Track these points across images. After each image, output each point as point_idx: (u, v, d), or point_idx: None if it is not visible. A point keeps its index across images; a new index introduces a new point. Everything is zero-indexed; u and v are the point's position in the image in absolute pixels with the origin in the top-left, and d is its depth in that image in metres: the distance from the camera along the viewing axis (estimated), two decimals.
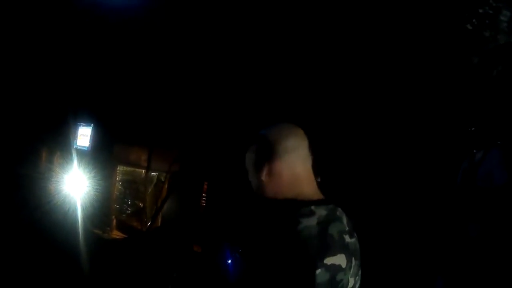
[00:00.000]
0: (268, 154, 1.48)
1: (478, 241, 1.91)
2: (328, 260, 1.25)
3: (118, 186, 8.44)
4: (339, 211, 1.45)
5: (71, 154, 9.64)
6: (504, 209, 1.84)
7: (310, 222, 1.31)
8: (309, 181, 1.50)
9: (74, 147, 9.36)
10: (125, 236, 7.78)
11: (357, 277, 1.45)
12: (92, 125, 8.90)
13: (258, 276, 1.30)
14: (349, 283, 1.34)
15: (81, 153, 9.04)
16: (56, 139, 10.91)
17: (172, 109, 6.43)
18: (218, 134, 5.47)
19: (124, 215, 8.25)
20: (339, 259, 1.29)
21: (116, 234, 7.88)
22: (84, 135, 9.14)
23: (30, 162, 12.65)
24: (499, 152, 2.01)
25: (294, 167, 1.48)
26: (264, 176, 1.47)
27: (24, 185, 9.53)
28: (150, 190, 6.93)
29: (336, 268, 1.27)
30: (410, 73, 3.46)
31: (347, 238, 1.38)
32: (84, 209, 7.84)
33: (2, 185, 9.17)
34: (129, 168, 8.21)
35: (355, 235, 1.47)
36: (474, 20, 2.82)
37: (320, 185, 1.54)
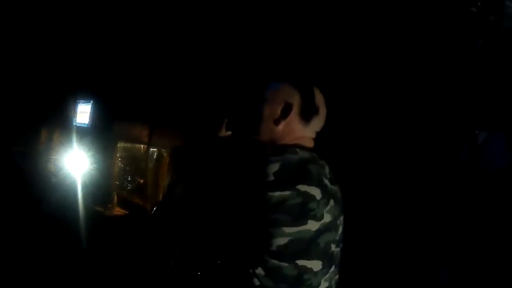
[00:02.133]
0: (297, 107, 1.59)
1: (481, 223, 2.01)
2: (302, 187, 1.33)
3: (119, 162, 8.54)
4: (323, 162, 1.57)
5: (70, 131, 9.76)
6: (505, 193, 1.95)
7: (292, 156, 1.43)
8: (309, 142, 1.63)
9: (74, 124, 9.46)
10: (126, 212, 7.93)
11: (338, 221, 1.52)
12: (92, 101, 8.98)
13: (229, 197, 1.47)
14: (324, 217, 1.38)
15: (80, 130, 9.15)
16: (55, 117, 11.01)
17: (172, 84, 6.49)
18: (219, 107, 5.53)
19: (125, 192, 8.37)
20: (313, 190, 1.36)
21: (118, 211, 8.00)
22: (83, 112, 9.22)
23: (29, 140, 12.82)
24: (502, 135, 2.10)
25: (309, 126, 1.63)
26: (280, 125, 1.59)
27: (24, 164, 9.67)
28: (151, 166, 7.04)
29: (309, 196, 1.34)
30: (413, 54, 3.52)
31: (325, 180, 1.46)
32: (84, 187, 7.98)
33: (2, 164, 9.32)
34: (129, 145, 8.31)
35: (337, 185, 1.58)
36: (479, 3, 2.88)
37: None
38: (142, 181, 7.71)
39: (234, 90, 5.15)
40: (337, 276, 1.56)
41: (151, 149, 7.21)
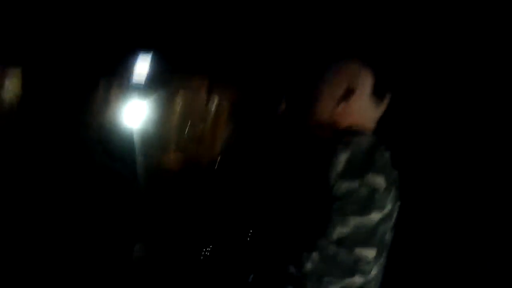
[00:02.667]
0: (361, 88, 1.57)
1: None
2: (370, 177, 1.36)
3: (178, 117, 8.77)
4: (384, 146, 1.55)
5: (128, 87, 10.07)
6: None
7: (359, 142, 1.43)
8: (371, 125, 1.64)
9: (133, 81, 9.73)
10: (184, 166, 8.21)
11: (395, 208, 1.55)
12: (150, 56, 9.16)
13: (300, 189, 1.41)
14: (386, 207, 1.42)
15: (139, 85, 9.42)
16: (113, 71, 11.34)
17: (234, 36, 6.47)
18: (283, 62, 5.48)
19: (184, 147, 8.63)
20: (380, 180, 1.38)
21: (176, 166, 8.33)
22: (141, 67, 9.45)
23: (89, 95, 13.37)
24: None
25: (372, 108, 1.63)
26: (340, 106, 1.57)
27: (82, 121, 10.13)
28: (210, 119, 7.18)
29: (376, 187, 1.37)
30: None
31: (389, 167, 1.48)
32: (142, 142, 8.32)
33: (61, 123, 9.85)
34: (188, 97, 8.44)
35: (396, 170, 1.59)
36: None
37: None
38: (200, 133, 7.87)
39: (295, 62, 5.05)
40: (384, 261, 1.63)
41: (209, 102, 7.31)
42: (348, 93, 1.55)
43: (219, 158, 6.96)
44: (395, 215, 1.58)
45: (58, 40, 10.20)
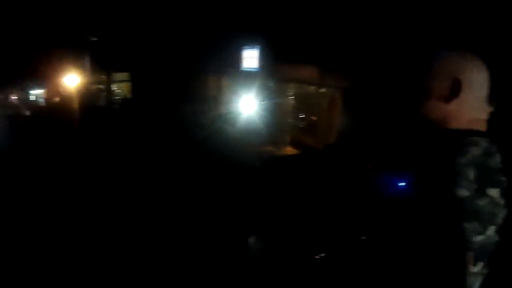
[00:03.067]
0: (467, 83, 1.39)
1: None
2: (489, 191, 1.29)
3: (290, 102, 8.92)
4: (495, 147, 1.44)
5: (239, 76, 10.38)
6: None
7: (476, 152, 1.33)
8: (484, 126, 1.48)
9: (242, 70, 10.04)
10: (298, 152, 8.34)
11: (504, 213, 1.43)
12: (258, 46, 9.41)
13: (426, 198, 1.30)
14: (500, 219, 1.35)
15: (250, 74, 9.70)
16: (222, 64, 11.74)
17: (342, 23, 6.49)
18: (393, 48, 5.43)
19: (297, 131, 8.76)
20: (496, 193, 1.32)
21: (290, 150, 8.45)
22: (250, 57, 9.73)
23: (199, 88, 13.94)
24: None
25: (480, 101, 1.44)
26: (450, 104, 1.41)
27: (199, 111, 10.52)
28: (324, 106, 7.19)
29: (495, 201, 1.31)
30: None
31: (501, 174, 1.40)
32: (258, 128, 8.49)
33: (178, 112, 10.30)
34: (301, 85, 8.56)
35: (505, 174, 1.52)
36: None
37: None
38: (314, 119, 7.91)
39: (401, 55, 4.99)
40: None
41: (323, 89, 7.32)
42: (456, 87, 1.40)
43: (333, 148, 6.88)
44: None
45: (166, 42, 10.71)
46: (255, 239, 4.81)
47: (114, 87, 16.02)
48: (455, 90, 1.38)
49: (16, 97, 11.96)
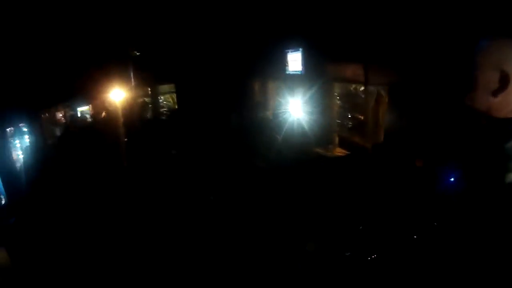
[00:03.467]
0: None
1: None
2: None
3: (337, 102, 8.83)
4: None
5: (285, 80, 10.40)
6: None
7: None
8: None
9: (287, 73, 10.05)
10: (348, 152, 8.22)
11: None
12: (301, 49, 9.40)
13: (479, 189, 1.32)
14: None
15: (295, 77, 9.70)
16: (268, 69, 11.79)
17: (385, 19, 6.39)
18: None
19: (346, 132, 8.65)
20: None
21: (339, 151, 8.35)
22: (295, 60, 9.72)
23: (245, 93, 14.04)
24: None
25: None
26: (498, 97, 1.37)
27: (245, 115, 10.62)
28: (371, 104, 7.07)
29: None
30: None
31: None
32: (305, 130, 8.47)
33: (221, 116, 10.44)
34: (347, 84, 8.47)
35: None
36: None
37: None
38: (363, 119, 7.80)
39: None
40: None
41: (368, 87, 7.22)
42: (504, 79, 1.34)
43: (382, 146, 6.78)
44: None
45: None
46: (308, 243, 4.82)
47: (160, 99, 16.37)
48: (503, 83, 1.35)
49: (63, 114, 12.41)
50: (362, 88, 7.51)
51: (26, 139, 8.24)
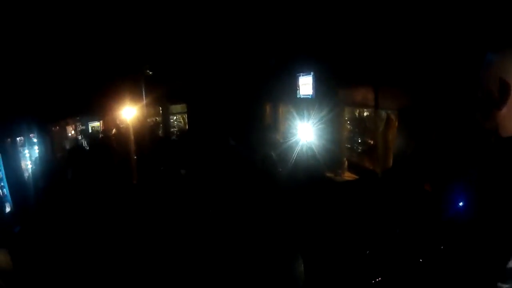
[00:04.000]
0: None
1: None
2: None
3: (347, 127, 8.87)
4: None
5: (296, 104, 10.48)
6: None
7: None
8: None
9: (298, 97, 10.14)
10: (357, 177, 8.19)
11: None
12: (312, 73, 9.49)
13: (490, 213, 1.29)
14: None
15: (305, 101, 9.77)
16: (279, 93, 11.91)
17: (394, 44, 6.46)
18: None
19: (355, 156, 8.66)
20: None
21: (348, 176, 8.35)
22: (305, 84, 9.81)
23: (256, 115, 14.15)
24: None
25: None
26: (502, 109, 1.32)
27: (253, 137, 10.68)
28: (380, 128, 7.09)
29: None
30: None
31: None
32: (315, 154, 8.47)
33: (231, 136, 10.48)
34: (357, 109, 8.52)
35: None
36: None
37: None
38: (372, 143, 7.83)
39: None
40: None
41: (378, 111, 7.26)
42: (504, 89, 1.29)
43: (391, 171, 6.77)
44: None
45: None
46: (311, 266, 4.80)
47: (172, 119, 16.54)
48: (504, 93, 1.29)
49: (74, 128, 12.55)
50: (372, 112, 7.54)
51: (36, 149, 8.34)
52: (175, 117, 16.99)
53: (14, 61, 7.57)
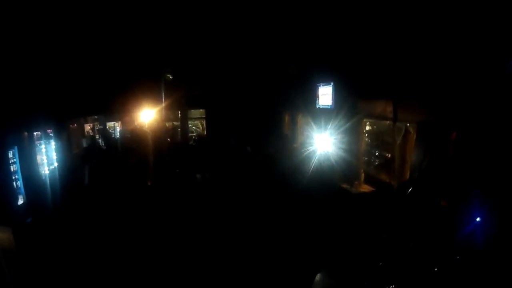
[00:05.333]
0: None
1: None
2: None
3: (365, 139, 8.86)
4: None
5: (314, 114, 10.51)
6: None
7: None
8: None
9: (317, 107, 10.17)
10: (373, 189, 8.20)
11: None
12: (332, 83, 9.52)
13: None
14: None
15: (324, 111, 9.80)
16: (297, 102, 11.94)
17: (415, 57, 6.47)
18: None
19: (372, 168, 8.65)
20: None
21: (365, 188, 8.36)
22: (325, 94, 9.83)
23: (276, 125, 14.21)
24: None
25: None
26: None
27: (270, 146, 10.73)
28: (398, 141, 7.08)
29: None
30: None
31: None
32: (332, 165, 8.48)
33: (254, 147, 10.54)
34: (375, 121, 8.52)
35: None
36: None
37: None
38: (389, 156, 7.82)
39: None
40: None
41: (397, 124, 7.25)
42: None
43: (408, 184, 6.75)
44: None
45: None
46: (325, 275, 4.84)
47: (190, 123, 16.66)
48: None
49: (91, 127, 12.72)
50: (391, 125, 7.54)
51: (52, 145, 8.48)
52: (193, 123, 17.13)
53: (40, 58, 7.76)
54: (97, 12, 9.04)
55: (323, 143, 8.86)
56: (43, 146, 8.07)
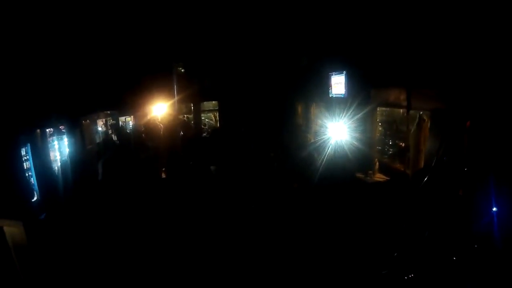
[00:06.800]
0: None
1: None
2: None
3: (379, 127, 8.84)
4: None
5: (327, 103, 10.50)
6: None
7: None
8: None
9: (330, 96, 10.15)
10: (388, 178, 8.21)
11: None
12: (345, 72, 9.49)
13: None
14: None
15: (337, 100, 9.79)
16: (310, 92, 11.93)
17: (429, 44, 6.43)
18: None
19: (386, 157, 8.64)
20: None
21: (379, 177, 8.35)
22: (338, 83, 9.81)
23: (289, 115, 14.21)
24: None
25: None
26: None
27: (284, 136, 10.75)
28: (412, 130, 7.05)
29: None
30: None
31: None
32: (346, 155, 8.48)
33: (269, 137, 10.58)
34: (389, 109, 8.49)
35: None
36: None
37: None
38: (403, 145, 7.80)
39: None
40: None
41: (411, 112, 7.22)
42: None
43: (426, 172, 6.70)
44: None
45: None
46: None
47: (203, 116, 16.75)
48: None
49: (104, 122, 12.80)
50: (404, 113, 7.51)
51: (65, 141, 8.57)
52: (206, 115, 17.21)
53: (52, 56, 7.86)
54: (110, 9, 9.12)
55: (336, 132, 8.85)
56: (55, 142, 8.17)
